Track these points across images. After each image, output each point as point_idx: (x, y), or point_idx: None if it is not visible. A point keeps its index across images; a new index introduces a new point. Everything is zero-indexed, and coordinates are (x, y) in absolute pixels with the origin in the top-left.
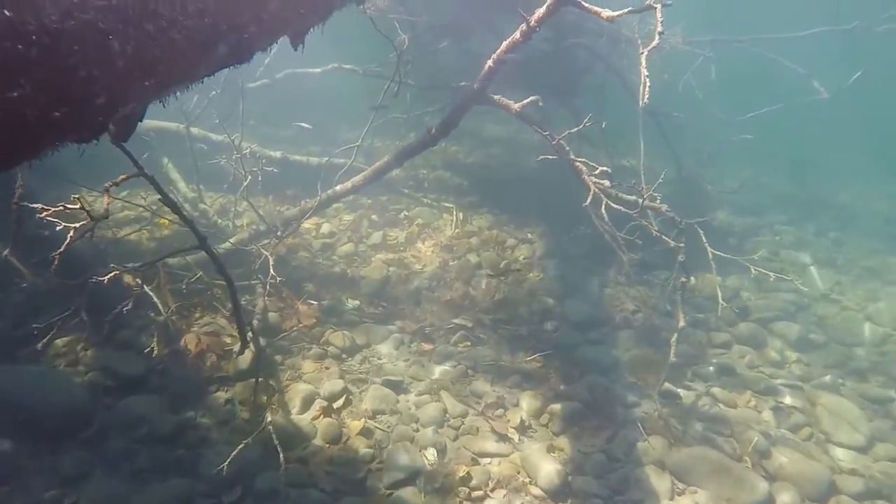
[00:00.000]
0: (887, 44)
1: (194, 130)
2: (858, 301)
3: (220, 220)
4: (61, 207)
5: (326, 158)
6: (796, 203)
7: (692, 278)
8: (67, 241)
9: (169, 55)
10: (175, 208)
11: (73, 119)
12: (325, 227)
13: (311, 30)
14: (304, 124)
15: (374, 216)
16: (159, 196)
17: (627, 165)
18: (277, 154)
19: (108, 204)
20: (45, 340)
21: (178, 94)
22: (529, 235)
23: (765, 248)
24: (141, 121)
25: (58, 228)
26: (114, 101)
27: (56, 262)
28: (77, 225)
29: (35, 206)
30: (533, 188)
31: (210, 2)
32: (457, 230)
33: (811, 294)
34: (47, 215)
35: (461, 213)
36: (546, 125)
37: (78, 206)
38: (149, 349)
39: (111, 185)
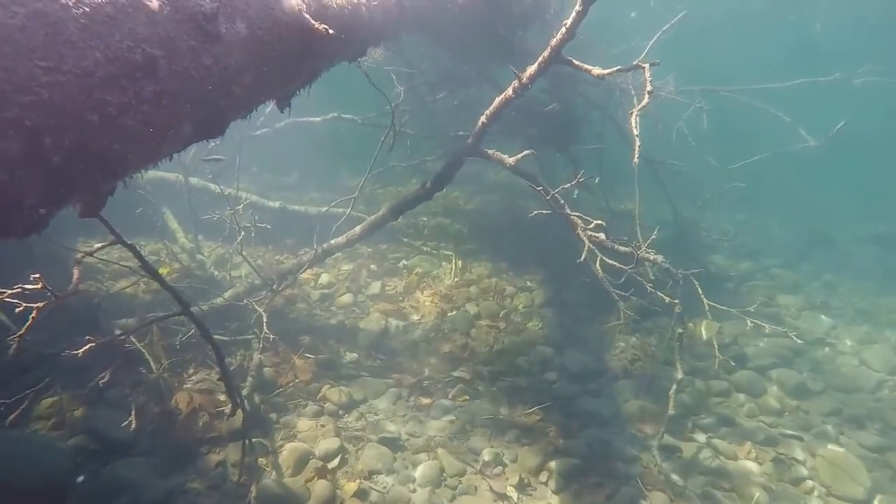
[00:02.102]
0: (874, 90)
1: (193, 181)
2: (853, 345)
3: (216, 272)
4: (19, 289)
5: (326, 208)
6: (790, 246)
7: (690, 324)
8: (29, 321)
9: (120, 143)
10: (155, 275)
11: None
12: (324, 278)
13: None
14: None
15: (373, 265)
16: (140, 263)
17: (624, 210)
18: (276, 204)
19: (77, 279)
20: (11, 418)
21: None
22: (528, 283)
23: (761, 293)
24: (112, 194)
25: (17, 310)
26: (49, 199)
27: (18, 341)
28: (39, 305)
29: None
30: (532, 234)
31: (169, 83)
32: (456, 279)
33: (807, 339)
34: (5, 297)
35: (460, 261)
36: (540, 179)
37: (40, 287)
38: (127, 422)
39: (82, 257)
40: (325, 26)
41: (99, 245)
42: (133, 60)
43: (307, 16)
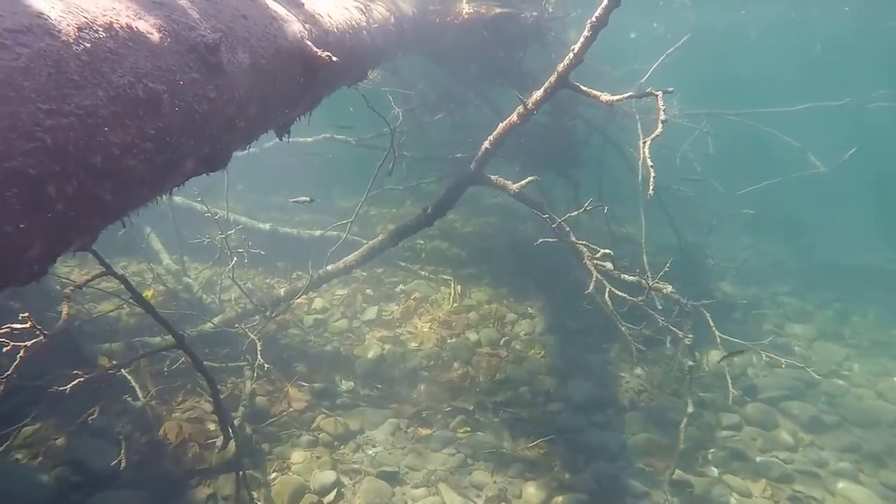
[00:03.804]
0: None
1: (178, 199)
2: (868, 377)
3: (205, 296)
4: (7, 329)
5: (319, 232)
6: (798, 272)
7: (698, 354)
8: (17, 360)
9: (124, 184)
10: (149, 308)
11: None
12: (318, 302)
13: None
14: (302, 199)
15: (368, 290)
16: (131, 295)
17: (626, 233)
18: (267, 226)
19: (66, 314)
20: None
21: None
22: (530, 310)
23: (770, 322)
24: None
25: (4, 350)
26: (52, 248)
27: (6, 382)
28: (28, 343)
29: None
30: (532, 258)
31: (172, 118)
32: (455, 304)
33: (820, 370)
34: None
35: (459, 286)
36: (545, 207)
37: (28, 325)
38: (117, 460)
39: (72, 291)
40: (328, 53)
41: (88, 277)
42: (135, 97)
43: (309, 43)
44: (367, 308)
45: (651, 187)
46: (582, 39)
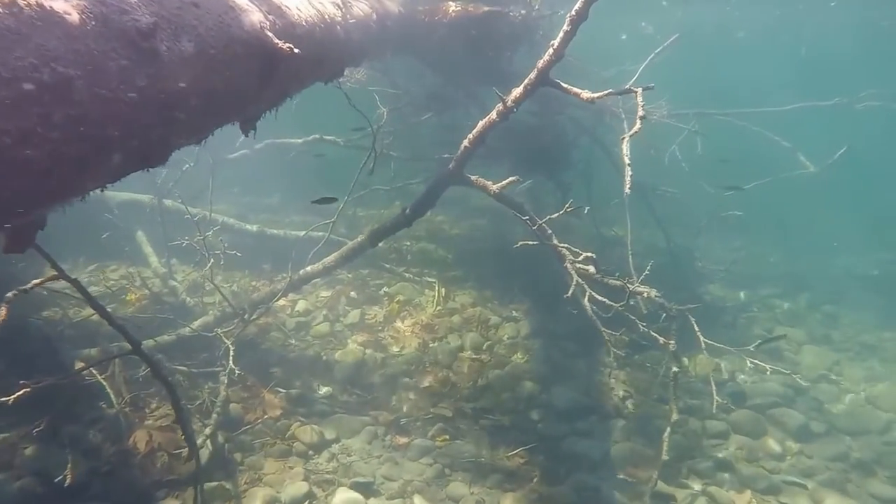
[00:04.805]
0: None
1: (168, 203)
2: (858, 382)
3: (189, 299)
4: None
5: (304, 232)
6: (788, 274)
7: (685, 359)
8: None
9: (19, 177)
10: (102, 311)
11: None
12: (301, 305)
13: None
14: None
15: (352, 292)
16: (84, 298)
17: (615, 235)
18: (254, 228)
19: (4, 317)
20: None
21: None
22: (514, 313)
23: (759, 326)
24: (42, 228)
25: None
26: None
27: None
28: None
29: None
30: (520, 261)
31: (91, 107)
32: (438, 307)
33: (809, 375)
34: None
35: (444, 289)
36: (526, 208)
37: None
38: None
39: (14, 296)
40: (290, 45)
41: (36, 281)
42: (39, 81)
43: (270, 34)
44: (350, 311)
45: (627, 186)
46: (561, 34)
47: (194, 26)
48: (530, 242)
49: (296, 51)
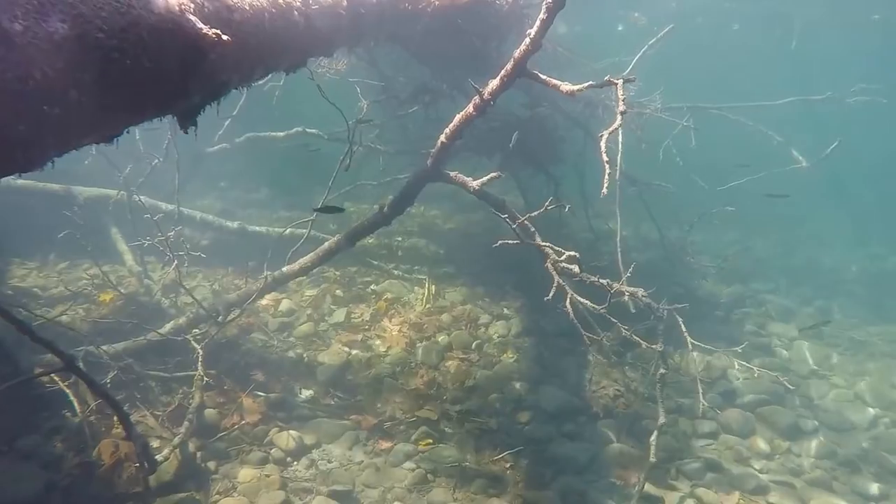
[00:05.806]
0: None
1: (143, 199)
2: (847, 377)
3: (164, 299)
4: None
5: (286, 229)
6: (781, 269)
7: (676, 357)
8: None
9: None
10: (25, 329)
11: None
12: (285, 304)
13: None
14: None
15: (339, 291)
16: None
17: (609, 229)
18: (234, 225)
19: None
20: None
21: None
22: (506, 311)
23: (752, 321)
24: None
25: None
26: None
27: None
28: None
29: None
30: (514, 257)
31: None
32: (428, 305)
33: (800, 371)
34: None
35: (434, 286)
36: (508, 206)
37: None
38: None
39: None
40: (218, 31)
41: None
42: None
43: (192, 18)
44: (336, 310)
45: (605, 184)
46: (538, 23)
47: (74, 5)
48: (510, 242)
49: (224, 38)
